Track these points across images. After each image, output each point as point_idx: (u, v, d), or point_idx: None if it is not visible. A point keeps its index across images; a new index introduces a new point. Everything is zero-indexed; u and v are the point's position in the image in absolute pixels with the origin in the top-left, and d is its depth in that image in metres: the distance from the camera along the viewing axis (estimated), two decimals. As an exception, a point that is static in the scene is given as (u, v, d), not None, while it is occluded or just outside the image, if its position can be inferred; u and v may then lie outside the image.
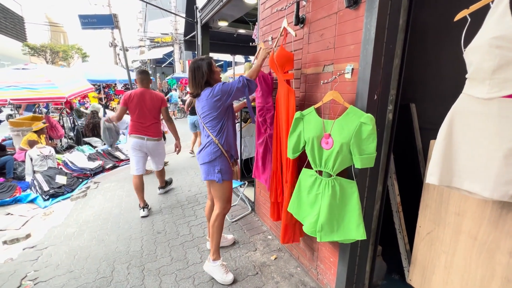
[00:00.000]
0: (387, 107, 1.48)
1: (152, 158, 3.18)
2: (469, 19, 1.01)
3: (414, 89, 2.11)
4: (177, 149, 3.22)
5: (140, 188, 3.01)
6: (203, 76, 1.83)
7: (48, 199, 3.54)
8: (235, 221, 2.81)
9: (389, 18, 1.33)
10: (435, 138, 1.15)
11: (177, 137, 3.20)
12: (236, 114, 2.59)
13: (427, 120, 2.09)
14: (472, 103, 1.02)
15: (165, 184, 3.64)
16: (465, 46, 1.01)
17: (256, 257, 2.23)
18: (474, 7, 1.00)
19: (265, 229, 2.64)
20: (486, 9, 0.95)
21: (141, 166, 3.01)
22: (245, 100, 2.25)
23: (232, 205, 3.13)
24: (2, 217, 3.10)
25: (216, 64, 1.94)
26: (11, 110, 8.23)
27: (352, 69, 1.44)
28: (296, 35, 1.79)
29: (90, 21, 4.80)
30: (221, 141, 1.85)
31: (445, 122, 1.09)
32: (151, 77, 3.35)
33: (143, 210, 2.99)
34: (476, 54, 0.96)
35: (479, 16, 0.98)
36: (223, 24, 4.64)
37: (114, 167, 4.87)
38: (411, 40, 1.45)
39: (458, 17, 1.04)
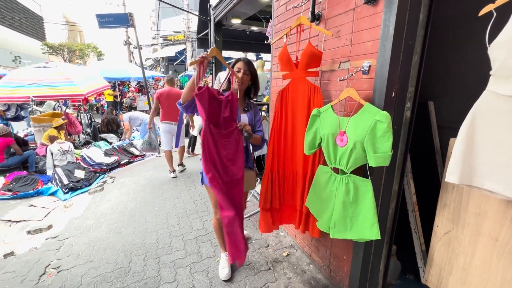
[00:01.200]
0: (404, 105, 1.46)
1: (175, 137, 4.20)
2: (495, 14, 0.98)
3: (433, 86, 2.06)
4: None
5: (169, 158, 4.17)
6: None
7: (67, 192, 3.69)
8: (247, 217, 2.84)
9: (409, 13, 1.30)
10: (453, 137, 1.13)
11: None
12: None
13: (445, 119, 2.04)
14: (496, 100, 0.99)
15: (182, 164, 4.49)
16: (490, 42, 0.98)
17: (268, 253, 2.25)
18: (500, 1, 0.96)
19: (277, 226, 2.66)
20: (513, 3, 0.92)
21: (170, 144, 4.15)
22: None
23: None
24: (26, 208, 3.26)
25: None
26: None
27: (369, 66, 1.42)
28: (332, 36, 1.69)
29: (107, 20, 4.94)
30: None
31: (467, 119, 1.06)
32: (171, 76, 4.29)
33: (173, 173, 4.16)
34: (502, 49, 0.94)
35: (506, 10, 0.95)
36: (236, 21, 4.66)
37: (129, 162, 5.01)
38: (431, 36, 1.42)
39: (483, 11, 1.01)
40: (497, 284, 1.23)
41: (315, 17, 1.79)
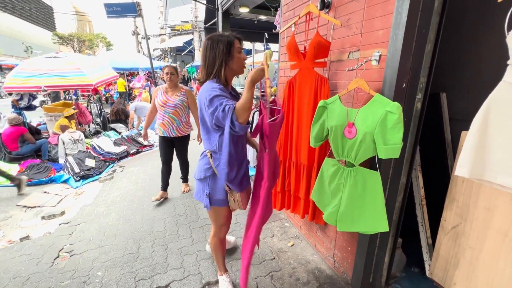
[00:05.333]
0: (415, 96, 1.42)
1: None
2: (516, 0, 0.93)
3: (446, 77, 1.99)
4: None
5: None
6: (215, 58, 1.29)
7: (79, 180, 3.80)
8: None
9: (424, 0, 1.25)
10: (465, 129, 1.10)
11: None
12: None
13: (457, 111, 1.98)
14: (513, 91, 0.95)
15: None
16: (509, 30, 0.93)
17: (273, 243, 2.28)
18: (522, -14, 0.91)
19: (283, 216, 2.68)
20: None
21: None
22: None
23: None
24: (40, 195, 3.38)
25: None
26: (44, 97, 8.76)
27: (380, 55, 1.38)
28: (341, 24, 1.64)
29: (115, 10, 4.94)
30: (215, 157, 1.38)
31: (481, 111, 1.03)
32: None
33: None
34: (521, 38, 0.89)
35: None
36: (244, 10, 4.57)
37: (137, 152, 5.09)
38: (446, 24, 1.36)
39: (503, -3, 0.95)
40: (505, 279, 1.22)
41: (325, 5, 1.74)
